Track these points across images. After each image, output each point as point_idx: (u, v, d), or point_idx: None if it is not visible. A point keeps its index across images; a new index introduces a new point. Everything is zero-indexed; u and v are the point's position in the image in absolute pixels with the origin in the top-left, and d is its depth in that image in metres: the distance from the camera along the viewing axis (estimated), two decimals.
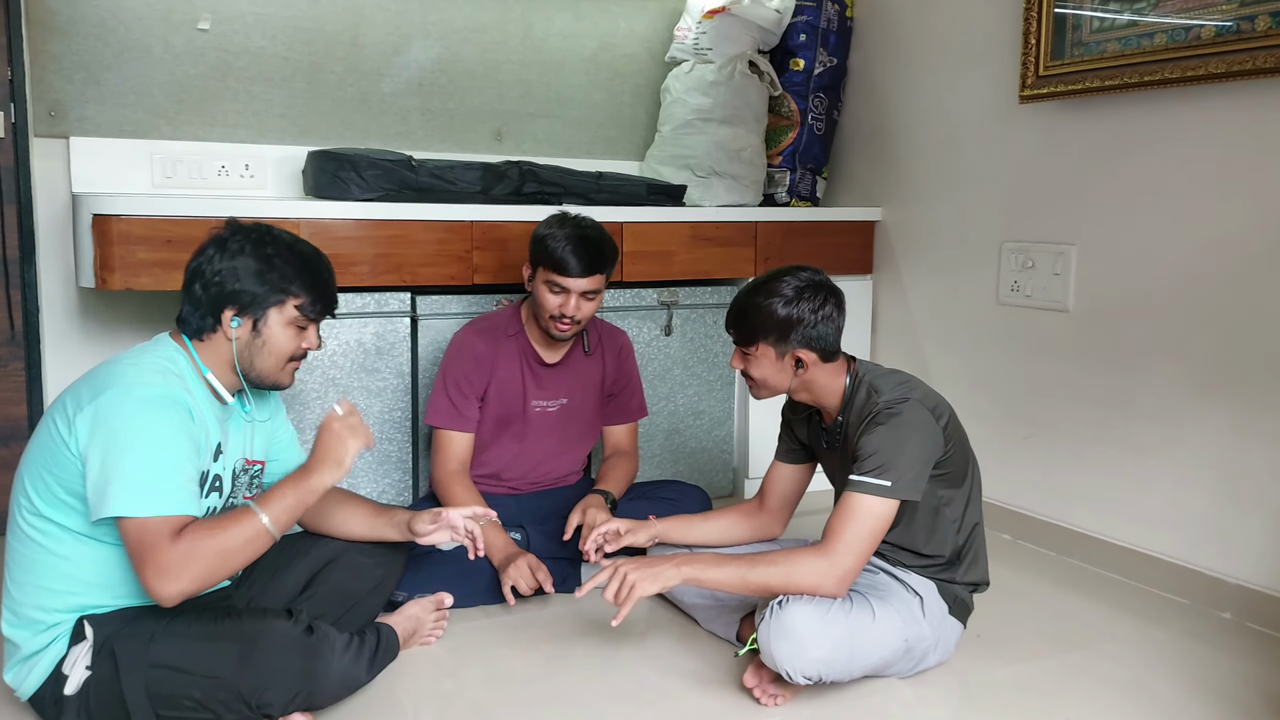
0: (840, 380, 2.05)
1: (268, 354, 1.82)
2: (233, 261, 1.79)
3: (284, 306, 1.81)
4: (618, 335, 2.70)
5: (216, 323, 1.80)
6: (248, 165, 2.95)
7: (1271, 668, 2.12)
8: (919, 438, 1.91)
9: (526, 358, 2.55)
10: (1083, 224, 2.70)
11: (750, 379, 2.08)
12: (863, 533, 1.86)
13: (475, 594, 2.35)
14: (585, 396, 2.63)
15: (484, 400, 2.52)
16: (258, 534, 1.71)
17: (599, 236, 2.44)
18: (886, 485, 1.86)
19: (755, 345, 2.02)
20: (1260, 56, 2.19)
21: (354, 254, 2.62)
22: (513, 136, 3.32)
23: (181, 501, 1.65)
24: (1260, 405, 2.32)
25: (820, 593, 1.84)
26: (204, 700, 1.66)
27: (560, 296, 2.40)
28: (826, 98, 3.42)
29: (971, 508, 2.07)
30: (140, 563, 1.61)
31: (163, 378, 1.71)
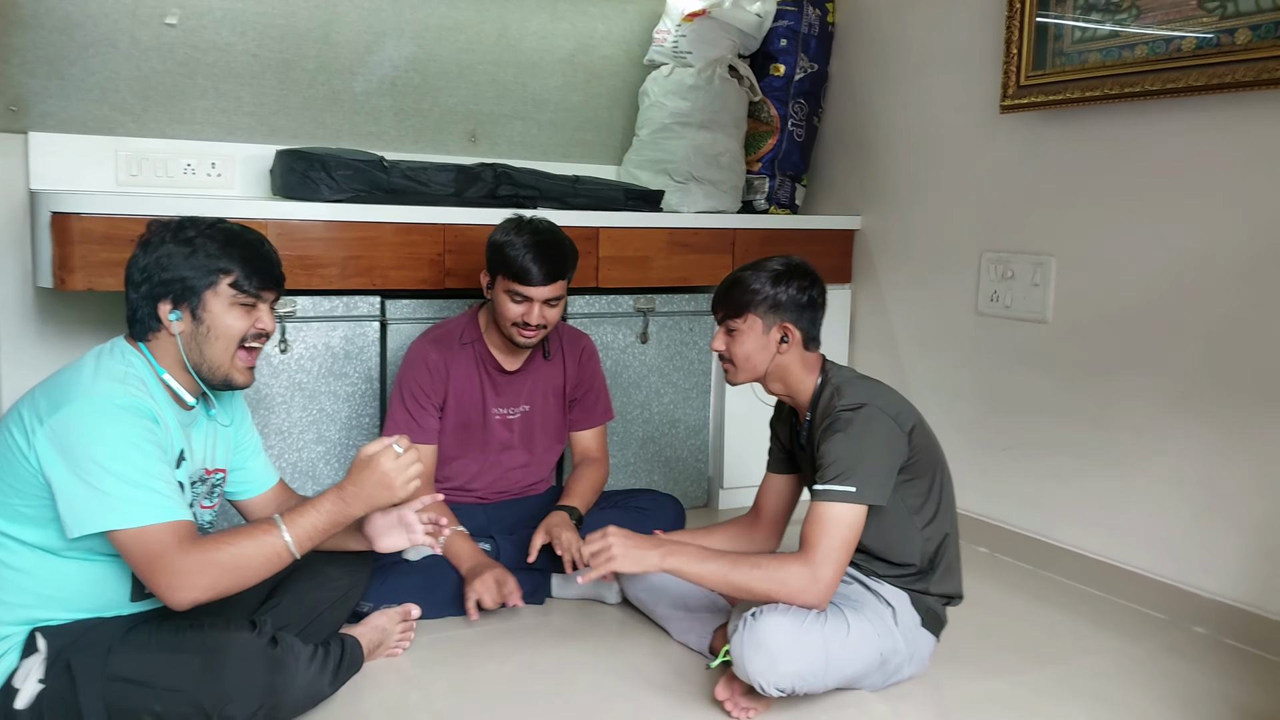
0: (813, 377, 2.06)
1: (214, 340, 1.75)
2: (155, 254, 1.74)
3: (218, 287, 1.74)
4: (579, 338, 2.65)
5: (158, 320, 1.75)
6: (215, 164, 2.89)
7: (1248, 684, 2.11)
8: (878, 442, 1.90)
9: (484, 365, 2.49)
10: (1063, 235, 2.69)
11: (731, 360, 2.06)
12: (836, 541, 1.84)
13: (443, 605, 2.30)
14: (547, 403, 2.58)
15: (443, 410, 2.47)
16: (278, 552, 1.69)
17: (558, 240, 2.38)
18: (851, 491, 1.85)
19: (744, 316, 2.02)
20: (1240, 70, 2.18)
21: (323, 256, 2.57)
22: (487, 138, 3.27)
23: (174, 506, 1.63)
24: (1241, 420, 2.31)
25: (800, 601, 1.82)
26: (164, 714, 1.61)
27: (523, 305, 2.35)
28: (807, 104, 3.39)
29: (943, 516, 2.04)
30: (150, 571, 1.60)
31: (124, 386, 1.67)
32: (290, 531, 1.70)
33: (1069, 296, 2.69)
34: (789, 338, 2.02)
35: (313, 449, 2.65)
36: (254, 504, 2.03)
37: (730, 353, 2.06)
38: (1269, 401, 2.26)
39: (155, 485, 1.62)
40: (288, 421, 2.62)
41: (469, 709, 1.93)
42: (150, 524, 1.60)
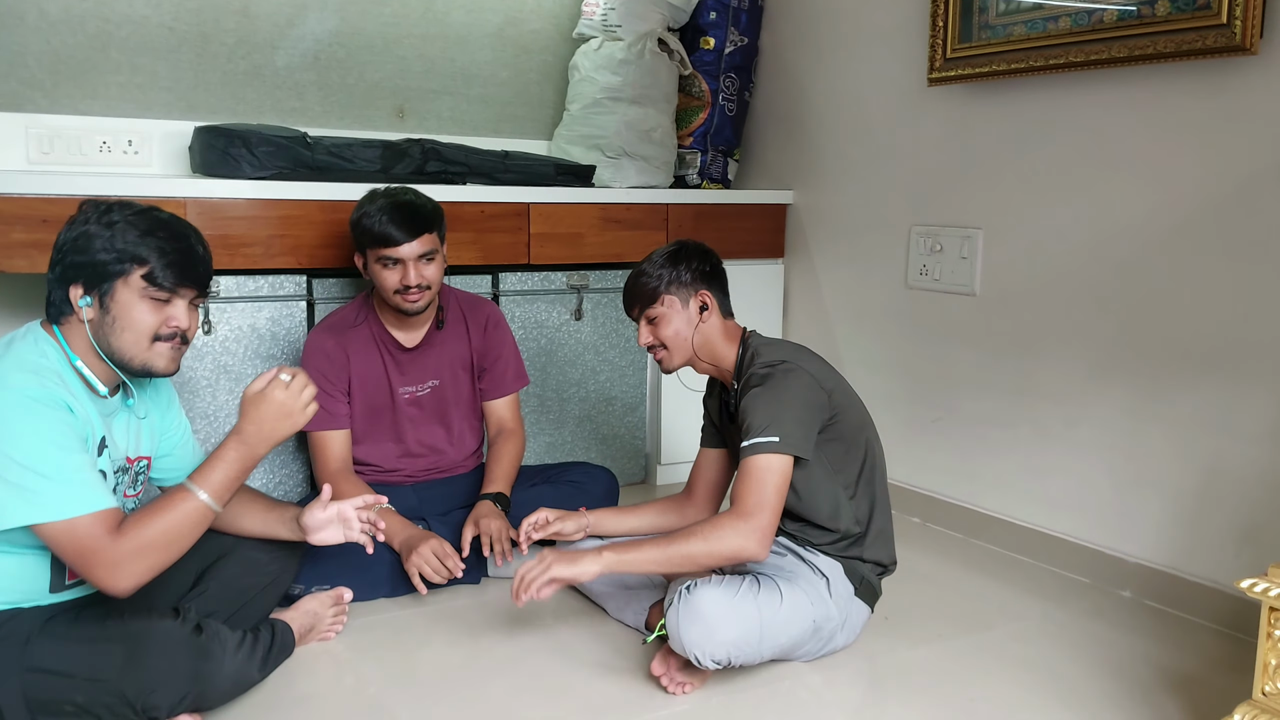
0: (735, 347, 2.10)
1: (121, 331, 1.68)
2: (75, 234, 1.67)
3: (129, 277, 1.66)
4: (481, 305, 2.61)
5: (69, 304, 1.68)
6: (131, 141, 2.80)
7: (1169, 645, 2.17)
8: (796, 397, 1.93)
9: (384, 345, 2.45)
10: (989, 208, 2.72)
11: (662, 345, 2.10)
12: (768, 489, 1.86)
13: (376, 586, 2.27)
14: (456, 376, 2.54)
15: (350, 395, 2.43)
16: (200, 513, 1.67)
17: (414, 198, 2.36)
18: (775, 440, 1.87)
19: (660, 300, 2.07)
20: (1160, 41, 2.21)
21: (246, 235, 2.50)
22: (415, 114, 3.21)
23: (99, 495, 1.60)
24: (1157, 388, 2.37)
25: (744, 554, 1.83)
26: (86, 705, 1.58)
27: (397, 270, 2.31)
28: (738, 78, 3.38)
29: (869, 479, 2.07)
30: (85, 564, 1.57)
31: (37, 377, 1.61)
32: (204, 489, 1.68)
33: (996, 269, 2.72)
34: (708, 304, 2.08)
35: None
36: None
37: (659, 338, 2.09)
38: (1184, 370, 2.31)
39: (77, 477, 1.58)
40: (213, 405, 2.56)
41: (404, 692, 1.91)
42: (77, 515, 1.56)
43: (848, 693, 1.95)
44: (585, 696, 1.90)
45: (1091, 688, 1.96)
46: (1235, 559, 2.22)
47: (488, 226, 2.80)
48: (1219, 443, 2.26)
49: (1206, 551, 2.29)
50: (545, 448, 3.04)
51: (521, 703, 1.88)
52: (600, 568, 1.85)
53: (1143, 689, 1.96)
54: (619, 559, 1.85)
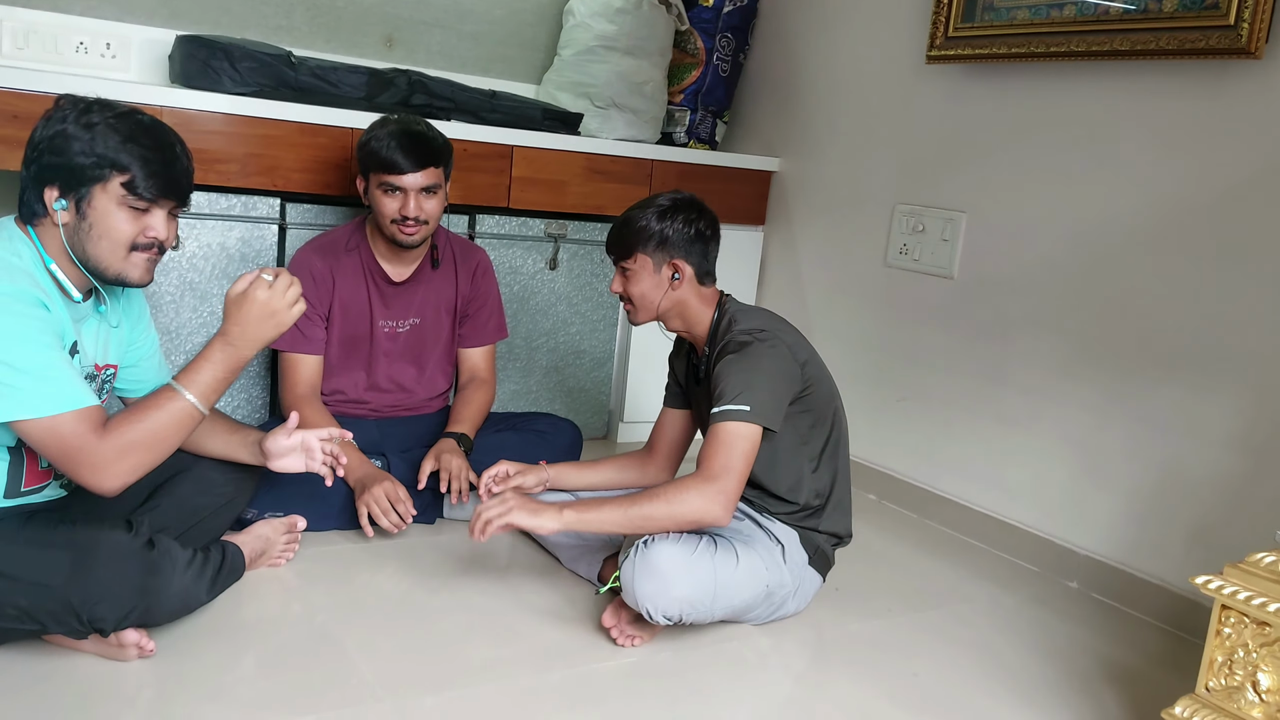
0: (710, 311, 2.06)
1: (98, 239, 1.63)
2: (53, 131, 1.60)
3: (108, 184, 1.60)
4: (474, 252, 2.58)
5: (42, 204, 1.62)
6: (109, 44, 2.71)
7: (1110, 637, 2.20)
8: (770, 368, 1.92)
9: (372, 275, 2.41)
10: (975, 192, 2.72)
11: (628, 300, 2.07)
12: (735, 455, 1.85)
13: (330, 517, 2.25)
14: (438, 317, 2.51)
15: (329, 321, 2.39)
16: (187, 413, 1.65)
17: (426, 130, 2.32)
18: (746, 410, 1.86)
19: (633, 257, 2.02)
20: (1164, 38, 2.20)
21: (222, 151, 2.44)
22: (404, 44, 3.14)
23: (81, 393, 1.57)
24: (1122, 385, 2.39)
25: (707, 519, 1.82)
26: (29, 609, 1.56)
27: (397, 198, 2.27)
28: (734, 38, 3.34)
29: (832, 453, 2.07)
30: (70, 463, 1.55)
31: (8, 274, 1.56)
32: (191, 390, 1.66)
33: (976, 254, 2.72)
34: (680, 274, 2.02)
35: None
36: None
37: (627, 293, 2.06)
38: (1150, 369, 2.33)
39: (57, 374, 1.55)
40: (177, 321, 2.51)
41: (351, 623, 1.89)
42: (60, 413, 1.54)
43: (794, 658, 1.96)
44: (534, 642, 1.90)
45: (1031, 672, 1.99)
46: (1184, 558, 2.26)
47: (469, 166, 2.75)
48: (1178, 443, 2.28)
49: (1156, 549, 2.32)
50: (510, 395, 3.02)
51: (469, 643, 1.87)
52: (560, 525, 1.83)
53: (1082, 677, 1.99)
54: (579, 517, 1.84)
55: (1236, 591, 1.50)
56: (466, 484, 2.26)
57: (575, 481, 2.23)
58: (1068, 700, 1.89)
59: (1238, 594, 1.50)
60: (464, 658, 1.82)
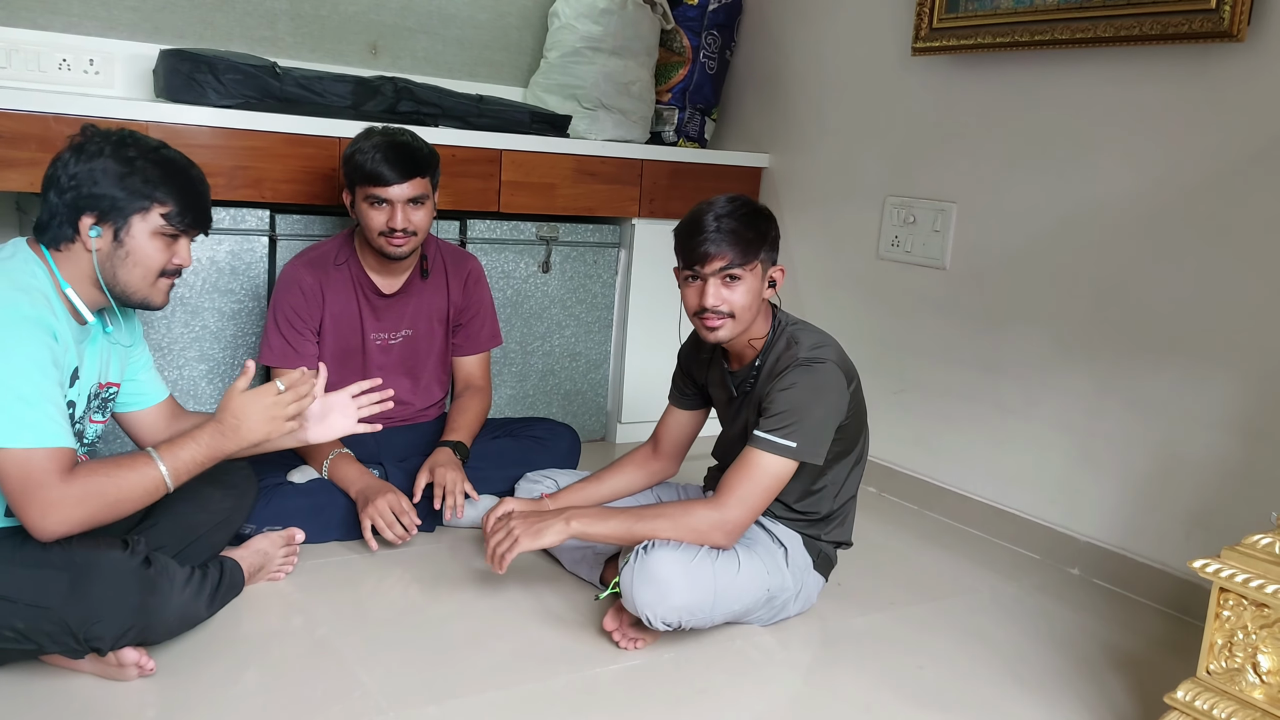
0: (767, 322, 2.00)
1: (132, 266, 1.69)
2: (90, 164, 1.65)
3: (148, 214, 1.68)
4: (465, 260, 2.56)
5: (74, 231, 1.66)
6: (93, 60, 2.71)
7: (1113, 622, 2.20)
8: (828, 400, 1.89)
9: (361, 288, 2.40)
10: (965, 182, 2.71)
11: (728, 314, 1.88)
12: (758, 489, 1.84)
13: (329, 529, 2.25)
14: (431, 328, 2.50)
15: (320, 335, 2.38)
16: (155, 484, 1.64)
17: (411, 140, 2.30)
18: (792, 446, 1.84)
19: (754, 263, 1.87)
20: (1147, 23, 2.20)
21: (209, 164, 2.41)
22: (389, 51, 3.14)
23: (61, 432, 1.56)
24: (1118, 370, 2.38)
25: (710, 544, 1.83)
26: (26, 631, 1.55)
27: (384, 210, 2.25)
28: (720, 36, 3.34)
29: (853, 478, 2.07)
30: (24, 497, 1.53)
31: (27, 296, 1.58)
32: (167, 464, 1.66)
33: (967, 244, 2.72)
34: (775, 282, 1.94)
35: (195, 367, 2.54)
36: (141, 417, 1.95)
37: (730, 304, 1.87)
38: (1146, 354, 2.33)
39: (47, 408, 1.55)
40: (168, 337, 2.50)
41: (353, 635, 1.89)
42: (36, 447, 1.53)
43: (798, 655, 1.96)
44: (537, 647, 1.89)
45: (1037, 661, 1.99)
46: (1185, 542, 2.26)
47: (458, 171, 2.75)
48: (1176, 427, 2.28)
49: (1156, 534, 2.32)
50: (506, 400, 3.02)
51: (471, 650, 1.87)
52: (567, 534, 1.82)
53: (1087, 664, 1.99)
54: (583, 528, 1.82)
55: (1234, 574, 1.50)
56: (461, 497, 2.25)
57: (582, 501, 2.18)
58: (1073, 687, 1.89)
59: (1235, 577, 1.50)
60: (466, 666, 1.82)
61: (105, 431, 1.91)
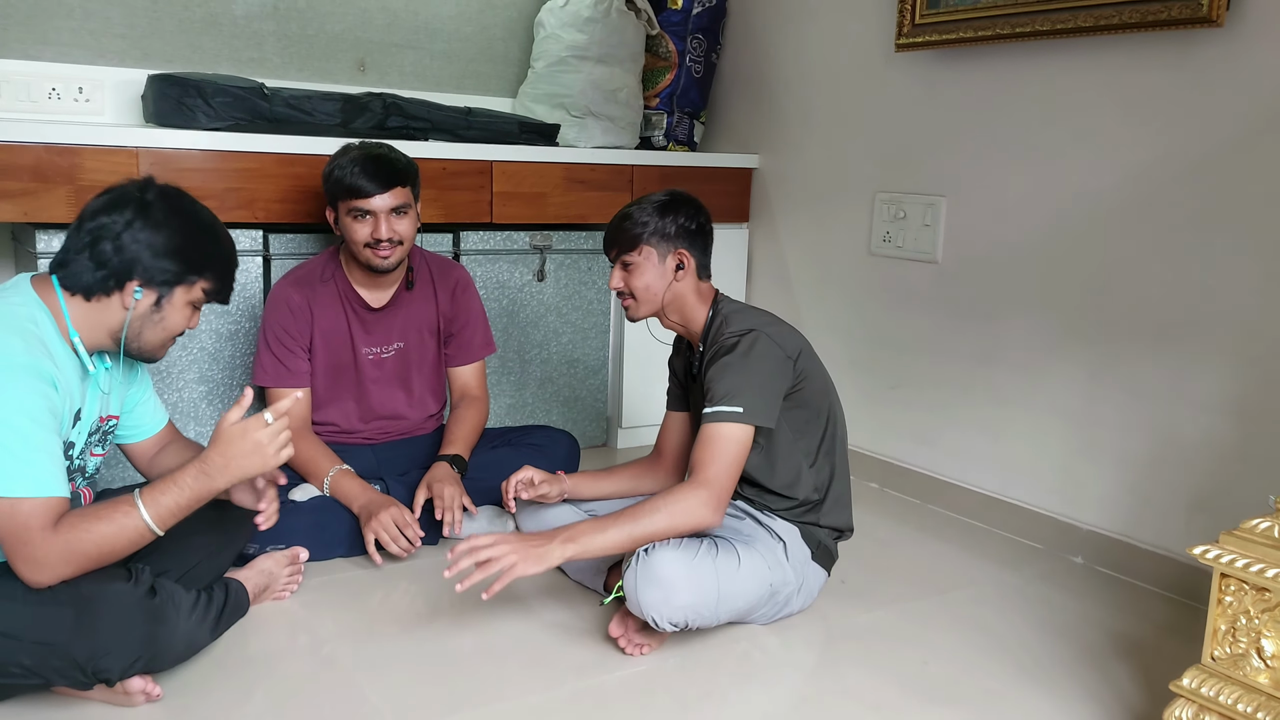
0: (706, 308, 2.08)
1: (160, 330, 1.73)
2: (155, 233, 1.66)
3: (192, 287, 1.73)
4: (451, 270, 2.56)
5: (118, 288, 1.66)
6: (82, 88, 2.72)
7: (1117, 609, 2.20)
8: (763, 367, 1.93)
9: (349, 303, 2.41)
10: (953, 175, 2.72)
11: (630, 296, 2.08)
12: (727, 458, 1.86)
13: (332, 546, 2.26)
14: (421, 339, 2.50)
15: (311, 352, 2.39)
16: (139, 533, 1.62)
17: (389, 152, 2.32)
18: (738, 411, 1.87)
19: (639, 249, 2.04)
20: (1126, 12, 2.21)
21: (201, 187, 2.44)
22: (376, 68, 3.15)
23: (54, 482, 1.55)
24: (1114, 357, 2.39)
25: (702, 524, 1.84)
26: (34, 667, 1.55)
27: (367, 222, 2.27)
28: (705, 39, 3.35)
29: (829, 447, 2.08)
30: (12, 549, 1.52)
31: (24, 342, 1.56)
32: (150, 510, 1.61)
33: (958, 237, 2.73)
34: (684, 264, 2.05)
35: (194, 389, 2.55)
36: (141, 447, 1.95)
37: (629, 286, 2.07)
38: (1141, 339, 2.34)
39: (38, 457, 1.54)
40: (167, 360, 2.51)
41: (359, 651, 1.89)
42: (25, 496, 1.52)
43: (803, 655, 1.96)
44: (543, 657, 1.90)
45: (1043, 651, 1.99)
46: (1186, 527, 2.26)
47: (450, 184, 2.76)
48: (1173, 412, 2.29)
49: (1158, 519, 2.33)
50: (506, 410, 3.03)
51: (477, 662, 1.88)
52: (564, 556, 1.79)
53: (1093, 653, 1.99)
54: (581, 548, 1.80)
55: (1234, 559, 1.50)
56: (459, 512, 2.26)
57: (592, 491, 2.23)
58: (1079, 677, 1.89)
59: (1235, 562, 1.50)
60: (473, 678, 1.82)
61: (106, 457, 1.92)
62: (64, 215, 2.29)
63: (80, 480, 1.79)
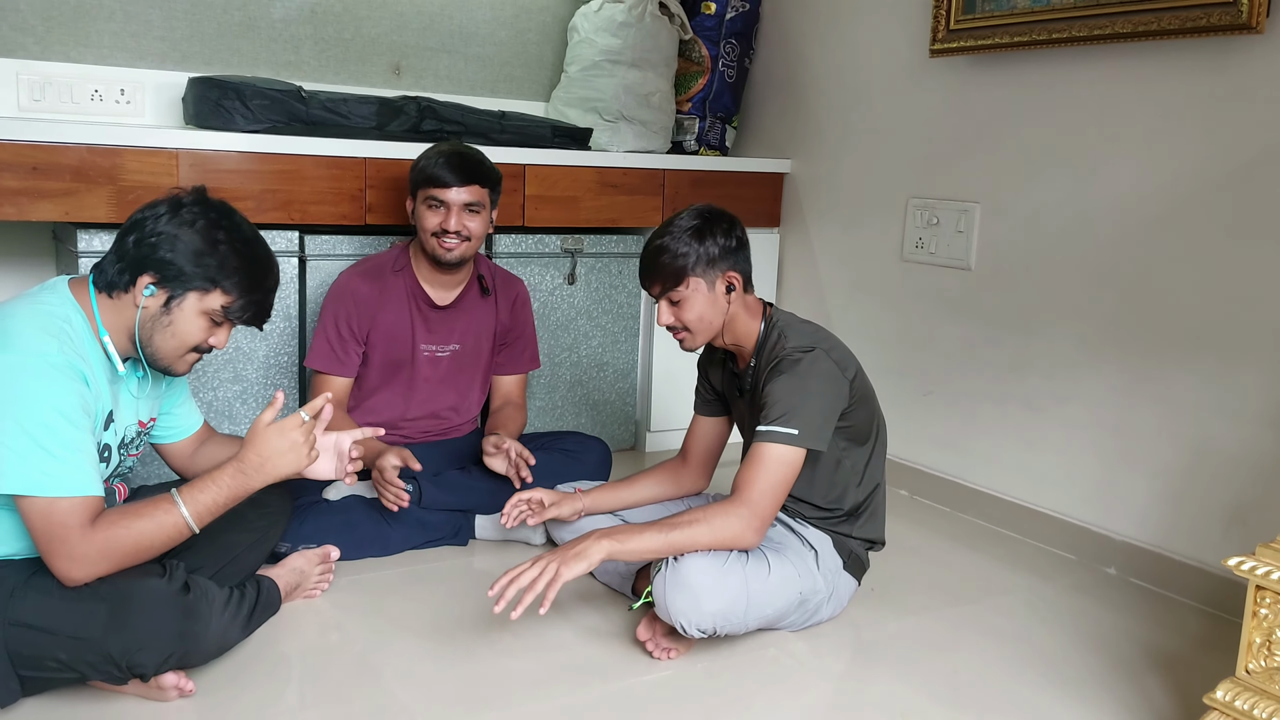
0: (757, 321, 2.04)
1: (169, 336, 1.70)
2: (177, 230, 1.66)
3: (207, 296, 1.69)
4: (514, 283, 2.62)
5: (131, 283, 1.67)
6: (123, 90, 2.76)
7: (1152, 622, 2.18)
8: (822, 387, 1.90)
9: (415, 299, 2.45)
10: (987, 182, 2.71)
11: (684, 329, 2.00)
12: (774, 480, 1.85)
13: (363, 545, 2.28)
14: (478, 343, 2.54)
15: (368, 344, 2.42)
16: (178, 530, 1.63)
17: (475, 154, 2.40)
18: (794, 434, 1.85)
19: (685, 282, 1.96)
20: (1165, 18, 2.19)
21: (238, 189, 2.48)
22: (412, 71, 3.18)
23: (89, 480, 1.57)
24: (1149, 366, 2.37)
25: (741, 544, 1.83)
26: (69, 662, 1.57)
27: (440, 212, 2.33)
28: (738, 44, 3.35)
29: (874, 465, 2.07)
30: (50, 547, 1.54)
31: (58, 342, 1.59)
32: (189, 507, 1.64)
33: (991, 244, 2.71)
34: (734, 285, 1.99)
35: (229, 388, 2.58)
36: (178, 448, 1.98)
37: (682, 321, 1.99)
38: (1176, 348, 2.31)
39: (73, 456, 1.55)
40: (202, 361, 2.53)
41: (389, 650, 1.91)
42: (61, 496, 1.53)
43: (832, 662, 1.95)
44: (571, 659, 1.91)
45: (1075, 663, 1.97)
46: (1222, 539, 2.23)
47: None
48: (1209, 422, 2.26)
49: (1193, 531, 2.30)
50: (536, 412, 3.04)
51: (507, 662, 1.88)
52: (604, 554, 1.78)
53: (1126, 665, 1.97)
54: (620, 546, 1.79)
55: (1270, 571, 1.49)
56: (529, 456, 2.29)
57: (611, 503, 2.21)
58: (1112, 689, 1.88)
59: (1271, 574, 1.48)
60: (502, 679, 1.83)
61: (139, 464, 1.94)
62: (105, 215, 2.33)
63: (115, 478, 1.81)
